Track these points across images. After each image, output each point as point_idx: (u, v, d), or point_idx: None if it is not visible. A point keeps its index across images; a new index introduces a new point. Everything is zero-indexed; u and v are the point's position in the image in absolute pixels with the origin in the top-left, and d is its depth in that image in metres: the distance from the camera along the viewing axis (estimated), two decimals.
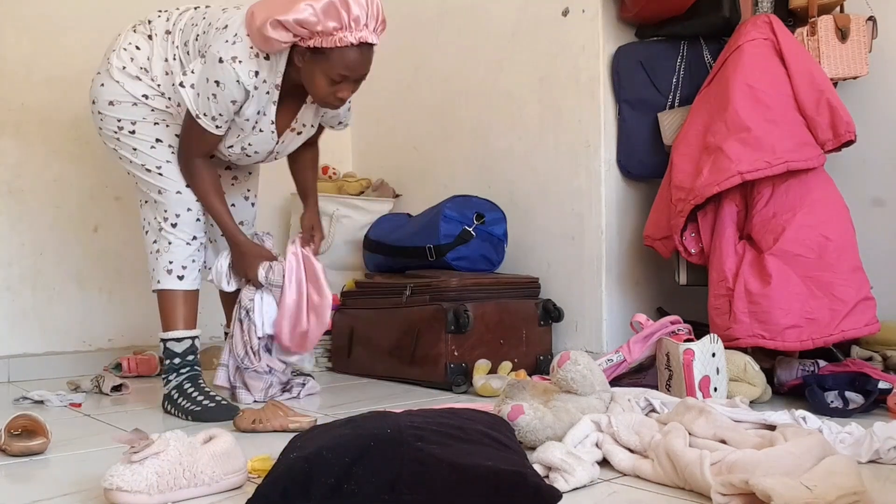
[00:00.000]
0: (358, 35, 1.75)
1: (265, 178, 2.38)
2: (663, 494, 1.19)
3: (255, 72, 1.81)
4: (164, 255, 1.98)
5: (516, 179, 2.70)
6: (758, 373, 1.92)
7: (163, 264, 1.98)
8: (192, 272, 2.00)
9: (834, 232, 2.00)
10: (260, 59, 1.81)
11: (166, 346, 1.97)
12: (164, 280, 1.98)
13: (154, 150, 1.96)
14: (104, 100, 1.96)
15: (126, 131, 1.95)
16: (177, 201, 1.96)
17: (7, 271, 2.64)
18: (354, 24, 1.73)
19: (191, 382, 1.92)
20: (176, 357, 1.96)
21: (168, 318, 1.99)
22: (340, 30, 1.73)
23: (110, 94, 1.95)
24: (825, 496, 1.02)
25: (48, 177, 2.74)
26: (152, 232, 2.00)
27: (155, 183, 1.96)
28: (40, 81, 2.72)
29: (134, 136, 1.96)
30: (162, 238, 1.98)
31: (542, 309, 2.43)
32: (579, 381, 1.50)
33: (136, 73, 1.95)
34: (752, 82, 2.07)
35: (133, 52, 1.97)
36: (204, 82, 1.81)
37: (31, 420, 1.55)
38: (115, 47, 2.00)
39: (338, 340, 2.79)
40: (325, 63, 1.79)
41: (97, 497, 1.20)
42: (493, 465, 1.08)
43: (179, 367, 1.95)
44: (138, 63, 1.95)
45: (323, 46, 1.75)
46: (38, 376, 2.59)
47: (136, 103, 1.94)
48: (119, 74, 1.95)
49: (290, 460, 1.09)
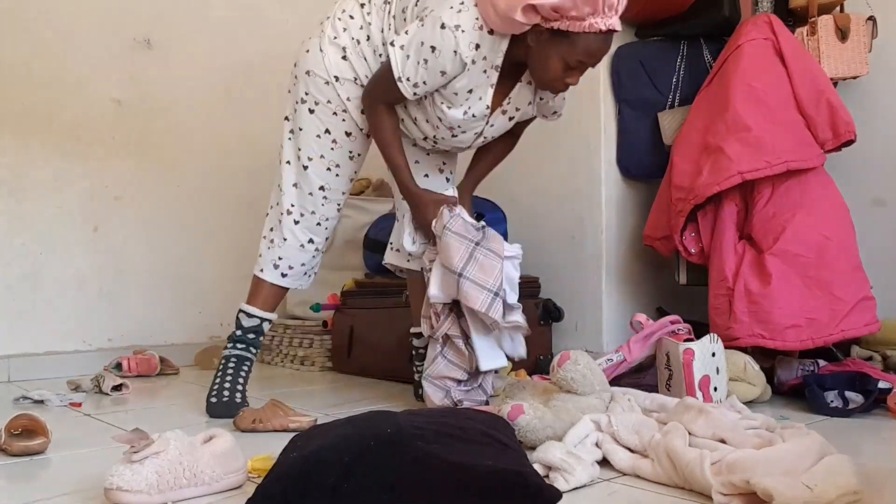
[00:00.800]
0: (608, 22, 1.63)
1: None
2: (663, 494, 1.19)
3: (476, 44, 1.68)
4: (276, 249, 1.96)
5: (516, 179, 2.70)
6: (758, 373, 1.92)
7: (271, 257, 1.97)
8: (296, 274, 1.99)
9: (834, 232, 2.00)
10: (483, 33, 1.68)
11: (239, 314, 2.00)
12: (267, 271, 1.97)
13: (317, 140, 1.91)
14: (304, 67, 1.90)
15: (307, 108, 1.91)
16: (308, 200, 1.94)
17: (7, 271, 2.64)
18: (607, 10, 1.62)
19: (235, 365, 1.95)
20: (239, 329, 1.98)
21: (254, 294, 2.01)
22: (593, 14, 1.61)
23: (312, 63, 1.89)
24: (825, 495, 1.02)
25: (48, 177, 2.74)
26: (273, 217, 1.98)
27: (294, 174, 1.94)
28: (40, 81, 2.73)
29: (311, 116, 1.90)
30: (279, 230, 1.96)
31: (542, 309, 2.43)
32: (579, 381, 1.50)
33: (346, 43, 1.87)
34: (752, 82, 2.07)
35: (347, 22, 1.88)
36: (417, 45, 1.68)
37: (32, 420, 1.55)
38: (330, 14, 1.92)
39: (338, 340, 2.80)
40: (567, 47, 1.66)
41: (97, 497, 1.20)
42: (493, 465, 1.08)
43: (237, 340, 1.98)
44: (351, 33, 1.87)
45: (569, 30, 1.63)
46: (38, 376, 2.59)
47: (328, 82, 1.88)
48: (327, 45, 1.88)
49: (290, 460, 1.09)
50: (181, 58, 3.06)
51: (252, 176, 3.22)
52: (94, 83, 2.85)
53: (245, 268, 3.17)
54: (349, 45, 1.87)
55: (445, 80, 1.72)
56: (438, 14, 1.68)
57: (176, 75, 3.04)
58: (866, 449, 1.52)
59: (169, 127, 3.03)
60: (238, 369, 1.94)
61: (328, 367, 2.84)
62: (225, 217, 3.16)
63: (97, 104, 2.86)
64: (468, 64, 1.70)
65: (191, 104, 3.08)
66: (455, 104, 1.77)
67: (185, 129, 3.07)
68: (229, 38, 3.18)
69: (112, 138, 2.89)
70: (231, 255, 3.13)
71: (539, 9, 1.60)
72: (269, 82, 3.25)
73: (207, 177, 3.12)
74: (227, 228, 3.15)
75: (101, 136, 2.87)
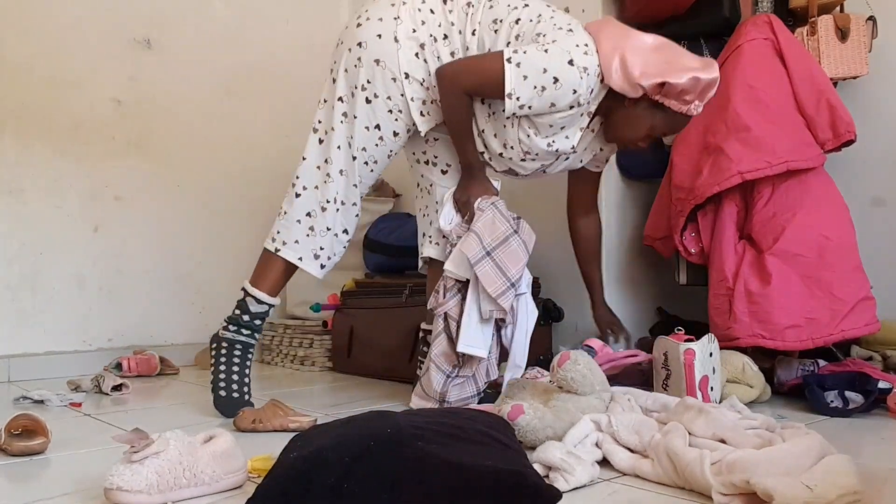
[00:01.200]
0: (699, 109, 1.78)
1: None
2: (663, 494, 1.19)
3: (592, 90, 1.74)
4: (318, 238, 1.87)
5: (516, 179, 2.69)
6: (756, 374, 1.91)
7: (313, 246, 1.88)
8: (331, 265, 1.92)
9: (834, 232, 2.00)
10: (597, 81, 1.74)
11: (245, 297, 1.90)
12: (307, 261, 1.88)
13: (365, 132, 1.84)
14: (373, 53, 1.80)
15: (364, 96, 1.82)
16: (351, 191, 1.88)
17: (7, 271, 2.65)
18: (701, 100, 1.77)
19: (240, 353, 1.88)
20: (246, 314, 1.89)
21: (263, 276, 1.90)
22: (694, 101, 1.76)
23: (384, 52, 1.80)
24: (825, 495, 1.02)
25: (48, 177, 2.74)
26: (312, 202, 1.87)
27: (343, 161, 1.86)
28: (40, 81, 2.73)
29: (367, 106, 1.83)
30: (321, 219, 1.87)
31: (542, 309, 2.43)
32: (579, 381, 1.50)
33: (425, 40, 1.81)
34: (752, 82, 2.07)
35: (426, 15, 1.82)
36: (539, 71, 1.68)
37: (32, 420, 1.55)
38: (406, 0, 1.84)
39: (338, 340, 2.80)
40: (661, 119, 1.80)
41: (97, 497, 1.19)
42: (493, 465, 1.08)
43: (243, 325, 1.89)
44: (429, 29, 1.81)
45: (670, 107, 1.77)
46: (38, 376, 2.59)
47: (396, 79, 1.81)
48: (404, 37, 1.80)
49: (290, 460, 1.09)
50: (181, 58, 3.06)
51: (252, 176, 3.23)
52: (94, 83, 2.85)
53: (245, 268, 3.19)
54: (427, 42, 1.81)
55: (549, 112, 1.75)
56: (566, 49, 1.70)
57: (176, 75, 3.04)
58: (866, 449, 1.52)
59: (169, 127, 3.03)
60: (244, 358, 1.89)
61: (328, 367, 2.84)
62: (225, 217, 3.16)
63: (97, 104, 2.86)
64: (583, 106, 1.76)
65: (191, 104, 3.09)
66: (542, 133, 1.80)
67: (185, 129, 3.07)
68: (229, 38, 3.19)
69: (112, 138, 2.89)
70: (231, 254, 3.13)
71: (667, 87, 1.72)
72: (270, 82, 3.26)
73: (207, 177, 3.12)
74: (227, 228, 3.16)
75: (101, 136, 2.87)
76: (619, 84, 1.73)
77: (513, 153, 1.85)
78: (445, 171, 2.01)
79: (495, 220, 1.77)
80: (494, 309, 1.74)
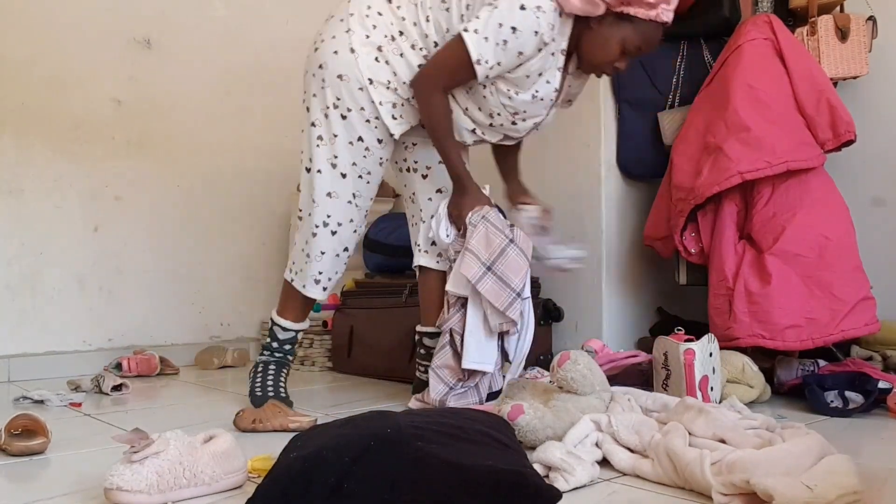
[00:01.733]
0: (668, 14, 1.70)
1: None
2: (663, 494, 1.19)
3: (553, 25, 1.69)
4: (314, 263, 1.91)
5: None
6: (756, 374, 1.92)
7: (311, 272, 1.92)
8: (333, 282, 1.98)
9: (834, 232, 2.00)
10: (556, 15, 1.69)
11: (273, 327, 2.01)
12: (309, 287, 1.94)
13: (349, 147, 1.85)
14: (335, 70, 1.81)
15: (339, 114, 1.83)
16: (345, 210, 1.89)
17: (7, 271, 2.65)
18: (668, 3, 1.69)
19: (276, 367, 1.98)
20: (275, 341, 1.99)
21: (286, 306, 2.00)
22: (662, 3, 1.68)
23: (343, 66, 1.81)
24: (825, 495, 1.02)
25: (48, 177, 2.74)
26: (305, 229, 1.91)
27: (329, 183, 1.87)
28: (40, 81, 2.73)
29: (343, 122, 1.83)
30: (314, 244, 1.90)
31: (542, 308, 2.43)
32: (579, 381, 1.50)
33: (380, 42, 1.81)
34: (752, 82, 2.07)
35: (375, 19, 1.82)
36: (495, 27, 1.67)
37: (31, 420, 1.54)
38: (352, 10, 1.84)
39: (338, 340, 2.80)
40: (629, 31, 1.71)
41: (97, 497, 1.19)
42: (493, 465, 1.08)
43: (274, 350, 1.99)
44: (383, 31, 1.81)
45: (636, 16, 1.68)
46: (38, 376, 2.59)
47: (363, 87, 1.81)
48: (359, 45, 1.80)
49: (290, 460, 1.09)
50: (181, 58, 3.06)
51: (252, 176, 3.23)
52: (94, 83, 2.85)
53: (245, 268, 3.20)
54: (384, 44, 1.82)
55: (520, 62, 1.72)
56: None
57: (176, 75, 3.04)
58: (866, 449, 1.52)
59: (169, 127, 3.03)
60: (279, 372, 1.98)
61: (328, 367, 2.84)
62: (225, 217, 3.16)
63: (97, 104, 2.86)
64: (548, 44, 1.71)
65: (191, 104, 3.09)
66: (523, 88, 1.77)
67: (185, 129, 3.07)
68: (229, 38, 3.19)
69: (112, 138, 2.89)
70: (231, 254, 3.13)
71: None
72: (269, 83, 3.26)
73: (207, 177, 3.12)
74: (227, 228, 3.16)
75: (101, 136, 2.87)
76: (578, 6, 1.68)
77: (501, 119, 1.83)
78: (426, 175, 2.02)
79: (488, 234, 1.77)
80: (504, 322, 1.74)
